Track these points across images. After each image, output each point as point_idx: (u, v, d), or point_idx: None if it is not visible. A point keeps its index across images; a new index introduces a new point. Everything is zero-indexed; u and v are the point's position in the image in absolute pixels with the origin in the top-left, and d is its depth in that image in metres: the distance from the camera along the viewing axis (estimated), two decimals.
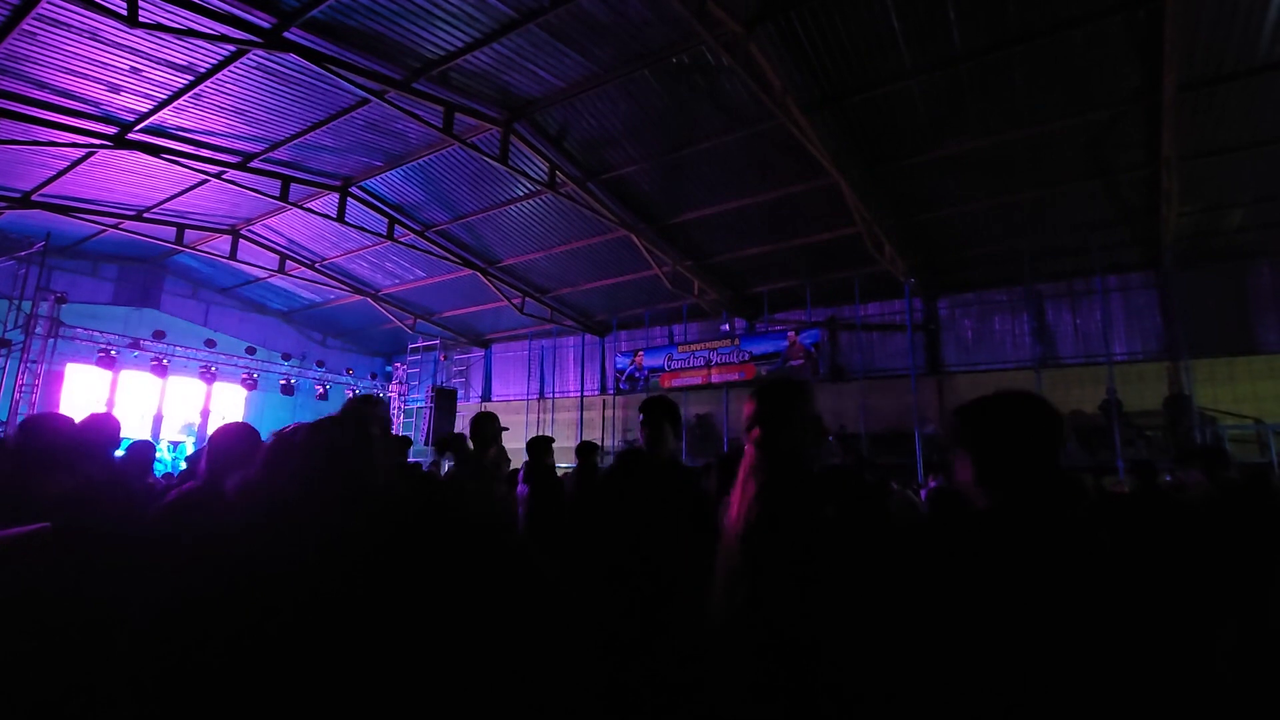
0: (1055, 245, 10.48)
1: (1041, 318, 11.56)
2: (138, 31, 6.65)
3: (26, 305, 10.55)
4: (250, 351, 14.11)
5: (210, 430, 11.85)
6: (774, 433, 1.77)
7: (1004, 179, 9.01)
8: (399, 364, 16.94)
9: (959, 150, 8.44)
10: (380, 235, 11.76)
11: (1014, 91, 7.44)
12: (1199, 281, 10.34)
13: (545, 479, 4.41)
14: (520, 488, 4.53)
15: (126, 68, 7.53)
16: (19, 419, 10.03)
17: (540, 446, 4.61)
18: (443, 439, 4.78)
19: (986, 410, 1.51)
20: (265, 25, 6.89)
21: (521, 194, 10.59)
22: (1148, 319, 10.88)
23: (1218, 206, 9.24)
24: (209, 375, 13.16)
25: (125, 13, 6.25)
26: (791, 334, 12.96)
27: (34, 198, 10.51)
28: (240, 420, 2.75)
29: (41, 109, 8.15)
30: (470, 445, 3.49)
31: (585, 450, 4.92)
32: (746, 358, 13.35)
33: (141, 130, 8.74)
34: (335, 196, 10.75)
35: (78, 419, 2.46)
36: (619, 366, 15.00)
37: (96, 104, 8.23)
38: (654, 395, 2.80)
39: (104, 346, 11.66)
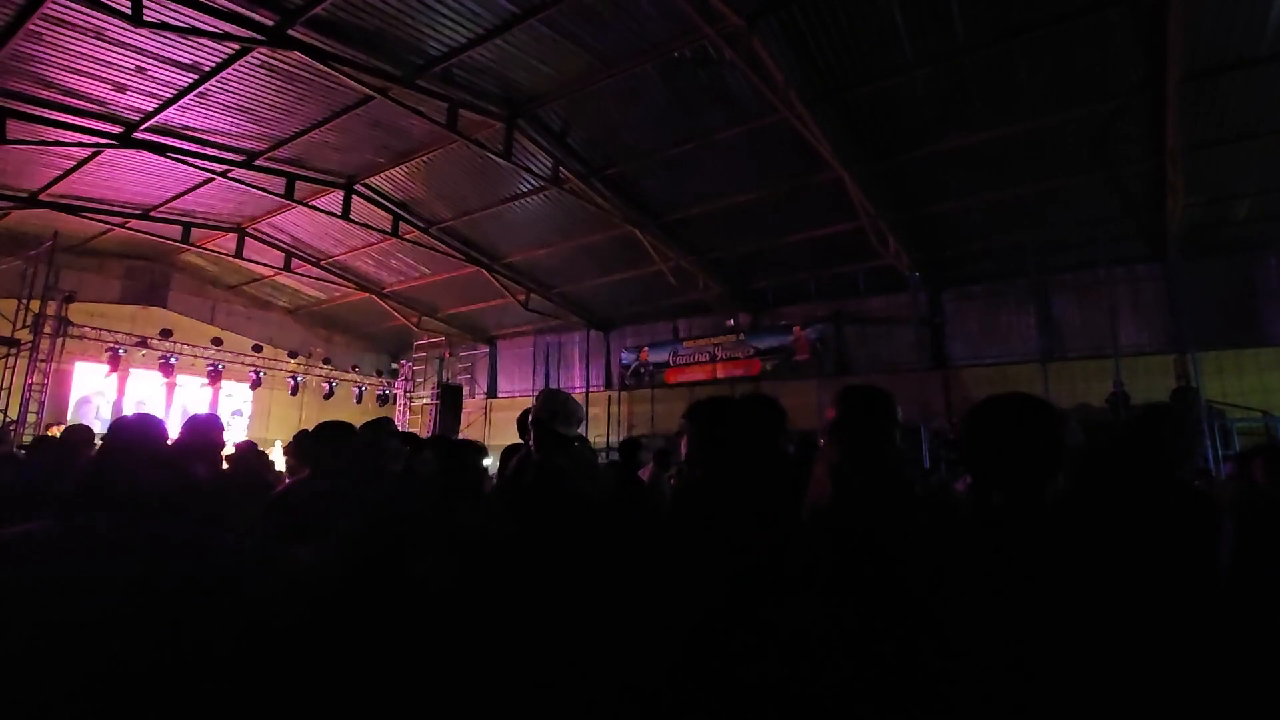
0: (1060, 238, 10.44)
1: (1047, 311, 11.52)
2: (142, 30, 6.69)
3: (35, 304, 10.63)
4: (257, 349, 14.18)
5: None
6: (859, 438, 1.80)
7: (1008, 172, 8.97)
8: (405, 361, 17.00)
9: (963, 143, 8.41)
10: (385, 232, 11.80)
11: (1017, 84, 7.41)
12: (1205, 273, 10.28)
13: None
14: None
15: (132, 67, 7.57)
16: (29, 417, 10.13)
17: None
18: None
19: (973, 416, 1.56)
20: (269, 23, 6.91)
21: (525, 190, 10.61)
22: (1154, 312, 10.83)
23: (1224, 198, 9.18)
24: (216, 373, 13.23)
25: (130, 12, 6.29)
26: (796, 328, 12.96)
27: (41, 197, 10.57)
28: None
29: (48, 109, 8.20)
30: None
31: (628, 447, 4.86)
32: (751, 352, 13.37)
33: (147, 129, 8.78)
34: (340, 194, 10.79)
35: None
36: (624, 362, 15.03)
37: (103, 103, 8.27)
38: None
39: (112, 345, 11.74)
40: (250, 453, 4.86)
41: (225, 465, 4.09)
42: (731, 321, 13.98)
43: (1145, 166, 8.54)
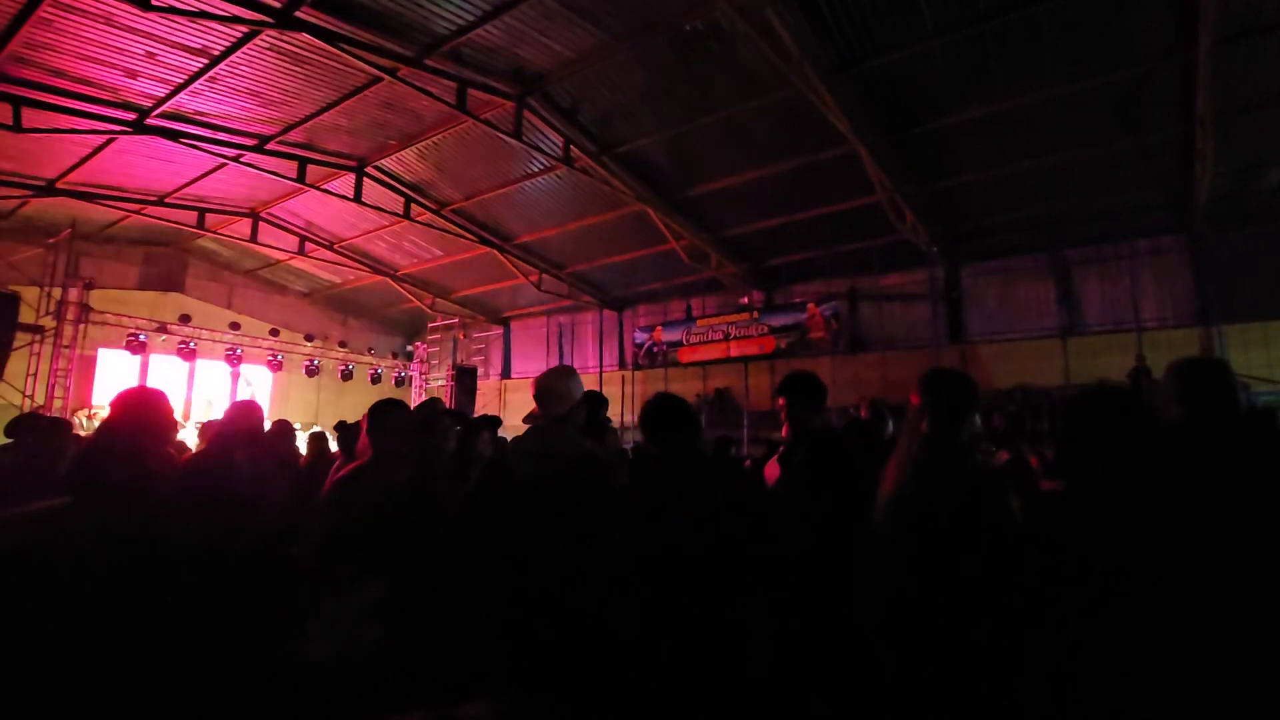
0: (1083, 210, 10.21)
1: (1068, 285, 11.31)
2: (151, 15, 6.69)
3: (56, 292, 10.77)
4: (274, 333, 14.30)
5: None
6: (945, 423, 1.91)
7: (1029, 142, 8.75)
8: (419, 343, 17.08)
9: (983, 114, 8.20)
10: (397, 215, 11.80)
11: (1040, 51, 7.19)
12: (1233, 244, 10.02)
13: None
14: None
15: (142, 52, 7.56)
16: (55, 402, 10.32)
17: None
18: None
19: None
20: (276, 5, 6.86)
21: (536, 170, 10.54)
22: (1179, 284, 10.59)
23: (1254, 165, 8.90)
24: (234, 358, 13.37)
25: None
26: (811, 305, 12.84)
27: (59, 185, 10.67)
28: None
29: (62, 97, 8.23)
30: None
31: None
32: (765, 330, 13.28)
33: (159, 115, 8.79)
34: (352, 177, 10.77)
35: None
36: (637, 341, 15.00)
37: (115, 90, 8.29)
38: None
39: (132, 331, 11.89)
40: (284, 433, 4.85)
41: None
42: (745, 300, 13.89)
43: (1172, 134, 8.29)
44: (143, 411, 1.84)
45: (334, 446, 5.10)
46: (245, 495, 2.55)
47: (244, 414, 2.82)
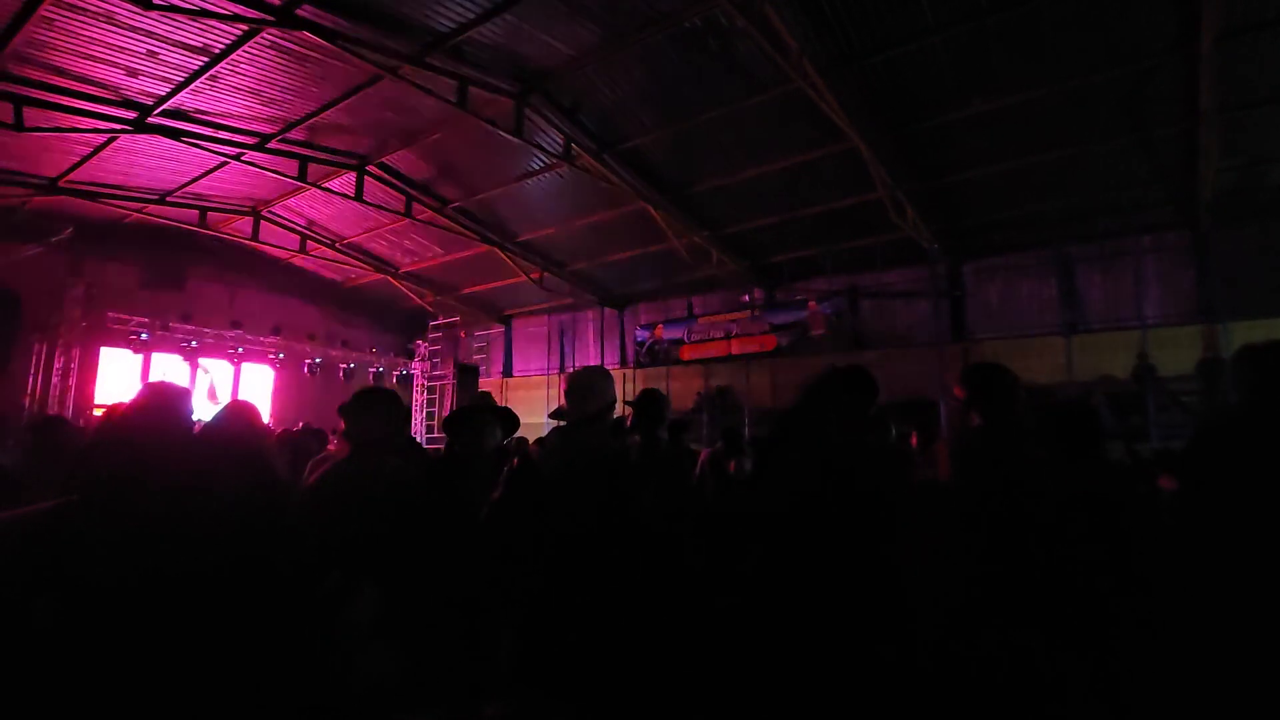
0: (1086, 206, 10.16)
1: (1071, 281, 11.26)
2: (152, 14, 6.69)
3: (59, 290, 10.81)
4: (275, 331, 14.33)
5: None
6: (993, 409, 2.04)
7: (1032, 139, 8.71)
8: (420, 342, 17.09)
9: (985, 109, 8.16)
10: (398, 213, 11.80)
11: (1043, 45, 7.15)
12: (1238, 241, 9.96)
13: None
14: None
15: (143, 51, 7.56)
16: (58, 401, 10.36)
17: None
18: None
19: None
20: (277, 3, 6.86)
21: (537, 167, 10.53)
22: (1183, 281, 10.53)
23: (1260, 161, 8.85)
24: (236, 356, 13.41)
25: None
26: (812, 303, 12.82)
27: (60, 184, 10.68)
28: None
29: (63, 95, 8.24)
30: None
31: (675, 429, 4.54)
32: (767, 328, 13.26)
33: (160, 114, 8.80)
34: (353, 175, 10.78)
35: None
36: (639, 339, 14.99)
37: (116, 89, 8.30)
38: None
39: (134, 330, 11.92)
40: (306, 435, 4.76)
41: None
42: (746, 297, 13.87)
43: (1176, 130, 8.24)
44: (156, 408, 1.79)
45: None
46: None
47: (235, 417, 2.74)
